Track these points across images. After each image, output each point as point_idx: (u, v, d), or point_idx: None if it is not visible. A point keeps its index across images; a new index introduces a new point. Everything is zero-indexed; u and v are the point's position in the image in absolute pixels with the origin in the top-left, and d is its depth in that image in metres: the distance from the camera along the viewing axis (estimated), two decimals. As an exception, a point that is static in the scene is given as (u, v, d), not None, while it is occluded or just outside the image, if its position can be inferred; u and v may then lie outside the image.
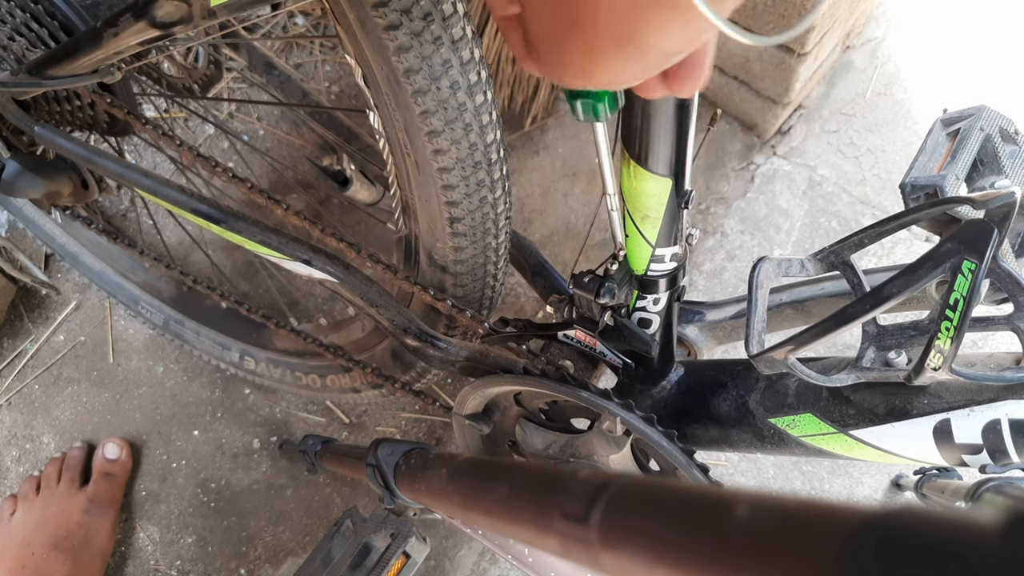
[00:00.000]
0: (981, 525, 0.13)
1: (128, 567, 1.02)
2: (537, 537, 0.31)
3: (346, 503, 1.03)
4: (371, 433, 1.07)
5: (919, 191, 0.45)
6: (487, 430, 0.69)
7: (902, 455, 0.47)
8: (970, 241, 0.37)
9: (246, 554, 1.01)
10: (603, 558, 0.25)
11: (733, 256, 1.10)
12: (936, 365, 0.39)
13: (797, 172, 1.14)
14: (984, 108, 0.46)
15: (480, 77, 0.52)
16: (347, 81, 1.27)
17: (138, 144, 1.18)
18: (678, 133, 0.44)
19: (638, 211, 0.49)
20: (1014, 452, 0.42)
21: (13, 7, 0.67)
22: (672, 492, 0.23)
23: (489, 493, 0.37)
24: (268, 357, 1.01)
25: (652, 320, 0.57)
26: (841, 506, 0.17)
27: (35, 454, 1.08)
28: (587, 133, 1.20)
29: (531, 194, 1.17)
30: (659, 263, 0.53)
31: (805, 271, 0.48)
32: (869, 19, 1.21)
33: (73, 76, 0.60)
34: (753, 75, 1.09)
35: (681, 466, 0.53)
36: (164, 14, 0.47)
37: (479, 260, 0.65)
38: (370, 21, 0.46)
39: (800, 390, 0.52)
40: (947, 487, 0.85)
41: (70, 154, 0.69)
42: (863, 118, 1.16)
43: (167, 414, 1.09)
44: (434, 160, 0.55)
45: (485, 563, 0.98)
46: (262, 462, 1.06)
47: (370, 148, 0.97)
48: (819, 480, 1.00)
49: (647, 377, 0.62)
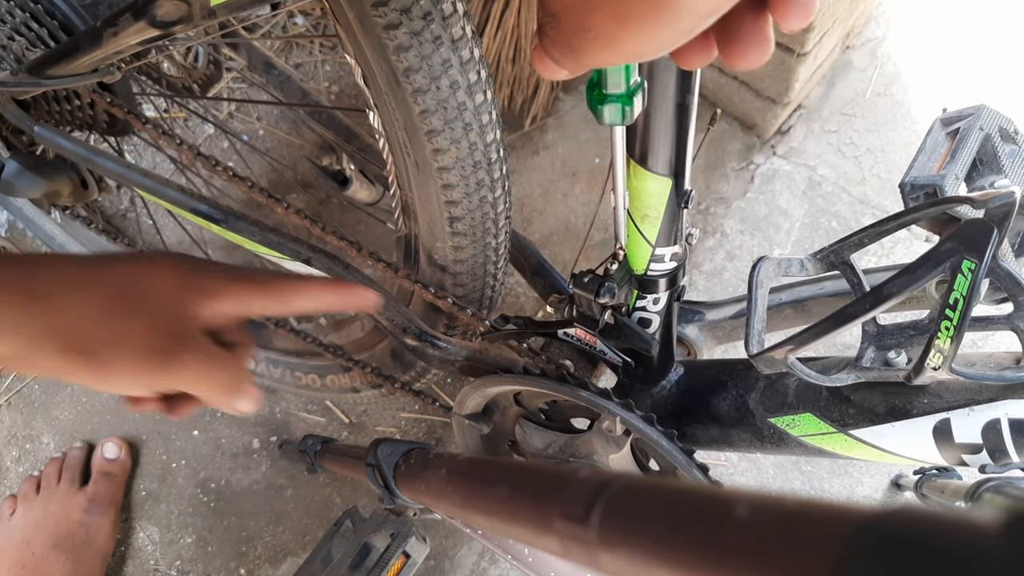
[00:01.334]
0: (981, 525, 0.13)
1: (128, 567, 1.02)
2: (537, 537, 0.31)
3: (346, 503, 1.03)
4: (371, 433, 1.07)
5: (919, 191, 0.45)
6: (487, 430, 0.69)
7: (902, 455, 0.47)
8: (970, 241, 0.37)
9: (246, 554, 1.01)
10: (603, 558, 0.25)
11: (733, 256, 1.10)
12: (936, 364, 0.39)
13: (797, 172, 1.14)
14: (984, 108, 0.46)
15: (480, 76, 0.52)
16: (347, 81, 1.27)
17: (138, 144, 1.18)
18: (678, 133, 0.44)
19: (638, 211, 0.49)
20: (1014, 452, 0.42)
21: (13, 6, 0.67)
22: (672, 492, 0.23)
23: (489, 493, 0.37)
24: (268, 357, 1.01)
25: (652, 320, 0.57)
26: (841, 506, 0.17)
27: (35, 454, 1.08)
28: (586, 133, 1.20)
29: (531, 194, 1.17)
30: (659, 263, 0.53)
31: (805, 271, 0.48)
32: (869, 19, 1.21)
33: (73, 76, 0.60)
34: (753, 75, 1.09)
35: (681, 466, 0.53)
36: (164, 14, 0.47)
37: (479, 260, 0.65)
38: (370, 20, 0.46)
39: (800, 390, 0.52)
40: (947, 487, 0.85)
41: (70, 154, 0.69)
42: (863, 118, 1.16)
43: (167, 414, 1.09)
44: (434, 159, 0.55)
45: (485, 563, 0.98)
46: (262, 462, 1.06)
47: (370, 148, 0.97)
48: (819, 480, 1.00)
49: (647, 377, 0.62)
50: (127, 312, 0.37)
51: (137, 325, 0.37)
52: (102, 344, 0.36)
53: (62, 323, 0.35)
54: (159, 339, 0.37)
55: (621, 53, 0.28)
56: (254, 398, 0.42)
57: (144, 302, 0.37)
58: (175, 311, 0.38)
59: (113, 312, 0.37)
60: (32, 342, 0.35)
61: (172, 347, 0.38)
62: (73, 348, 0.35)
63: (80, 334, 0.36)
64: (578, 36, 0.28)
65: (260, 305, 0.41)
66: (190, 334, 0.39)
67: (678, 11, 0.25)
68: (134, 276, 0.38)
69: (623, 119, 0.37)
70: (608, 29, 0.27)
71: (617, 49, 0.28)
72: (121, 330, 0.36)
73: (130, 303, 0.37)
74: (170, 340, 0.38)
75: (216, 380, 0.40)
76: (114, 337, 0.36)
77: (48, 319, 0.35)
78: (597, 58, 0.29)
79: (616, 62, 0.29)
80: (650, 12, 0.25)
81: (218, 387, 0.40)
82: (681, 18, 0.25)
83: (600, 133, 1.19)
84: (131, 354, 0.36)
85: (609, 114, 0.37)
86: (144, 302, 0.37)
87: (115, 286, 0.37)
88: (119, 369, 0.36)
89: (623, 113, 0.37)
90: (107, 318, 0.36)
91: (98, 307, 0.36)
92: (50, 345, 0.35)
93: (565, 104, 1.23)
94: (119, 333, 0.36)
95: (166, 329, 0.38)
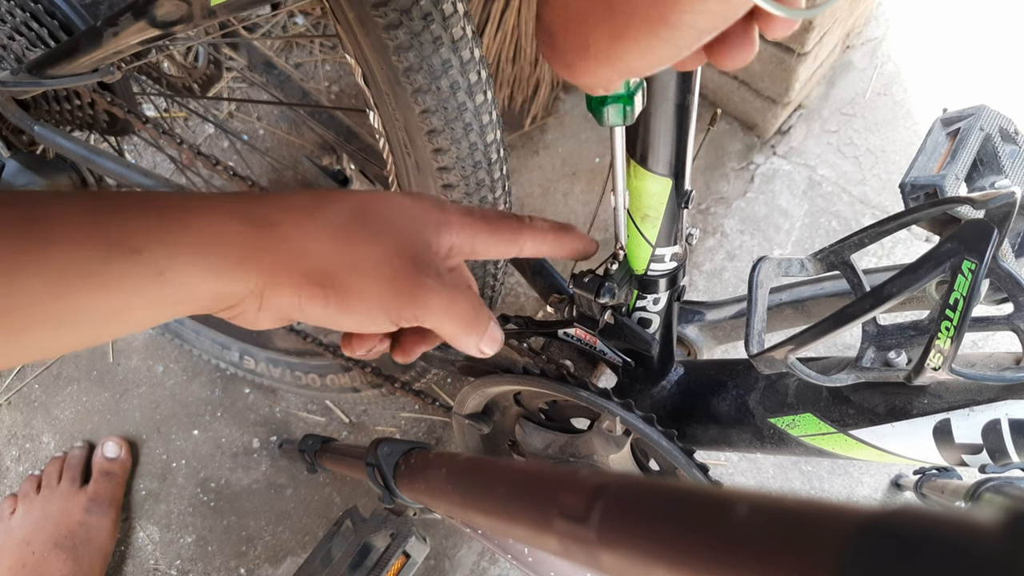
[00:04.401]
0: (981, 525, 0.13)
1: (128, 566, 1.02)
2: (536, 537, 0.31)
3: (346, 503, 1.03)
4: (371, 433, 1.07)
5: (919, 191, 0.45)
6: (487, 430, 0.69)
7: (902, 455, 0.47)
8: (970, 241, 0.37)
9: (246, 553, 1.01)
10: (603, 558, 0.25)
11: (733, 256, 1.10)
12: (936, 365, 0.39)
13: (797, 172, 1.14)
14: (984, 108, 0.46)
15: (480, 77, 0.52)
16: (347, 80, 1.27)
17: (138, 144, 1.18)
18: (678, 133, 0.44)
19: (638, 211, 0.49)
20: (1014, 452, 0.42)
21: (13, 6, 0.67)
22: (672, 492, 0.23)
23: (489, 493, 0.37)
24: (268, 356, 1.01)
25: (652, 320, 0.57)
26: (841, 506, 0.17)
27: (35, 453, 1.08)
28: (586, 133, 1.20)
29: (531, 194, 1.17)
30: (659, 263, 0.53)
31: (805, 271, 0.48)
32: (869, 19, 1.21)
33: (73, 75, 0.60)
34: (753, 75, 1.09)
35: (681, 466, 0.53)
36: (164, 13, 0.47)
37: (479, 259, 0.65)
38: (370, 20, 0.46)
39: (800, 390, 0.52)
40: (947, 487, 0.85)
41: (70, 153, 0.69)
42: (863, 118, 1.16)
43: (167, 413, 1.09)
44: (434, 159, 0.55)
45: (485, 563, 0.98)
46: (262, 462, 1.06)
47: (370, 148, 0.97)
48: (819, 480, 1.00)
49: (647, 377, 0.62)
50: (367, 231, 0.34)
51: (378, 245, 0.33)
52: (345, 269, 0.33)
53: (297, 251, 0.32)
54: (403, 263, 0.34)
55: (621, 71, 0.27)
56: (498, 338, 0.38)
57: (383, 224, 0.34)
58: (416, 235, 0.35)
59: (353, 235, 0.33)
60: (271, 277, 0.32)
61: (417, 272, 0.34)
62: (310, 278, 0.32)
63: (320, 261, 0.32)
64: (574, 53, 0.27)
65: (489, 242, 0.38)
66: (434, 260, 0.35)
67: (679, 27, 0.24)
68: (369, 200, 0.35)
69: (624, 119, 0.37)
70: (606, 47, 0.26)
71: (616, 67, 0.27)
72: (363, 251, 0.33)
73: (370, 226, 0.34)
74: (416, 262, 0.34)
75: (462, 312, 0.36)
76: (357, 261, 0.33)
77: (283, 248, 0.32)
78: (595, 76, 0.28)
79: (614, 80, 0.29)
80: (651, 28, 0.24)
81: (463, 320, 0.36)
82: (682, 34, 0.24)
83: (600, 133, 1.19)
84: (377, 279, 0.33)
85: (610, 115, 0.37)
86: (383, 224, 0.34)
87: (351, 211, 0.34)
88: (364, 296, 0.33)
89: (624, 114, 0.37)
90: (347, 242, 0.33)
91: (336, 231, 0.33)
92: (287, 277, 0.32)
93: (565, 104, 1.23)
94: (363, 255, 0.33)
95: (410, 251, 0.34)
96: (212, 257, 0.30)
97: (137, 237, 0.28)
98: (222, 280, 0.31)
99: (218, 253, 0.30)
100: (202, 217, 0.30)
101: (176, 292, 0.30)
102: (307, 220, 0.33)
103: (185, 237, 0.30)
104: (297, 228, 0.32)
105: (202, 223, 0.30)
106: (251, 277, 0.31)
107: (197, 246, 0.30)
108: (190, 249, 0.30)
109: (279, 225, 0.32)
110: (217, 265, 0.30)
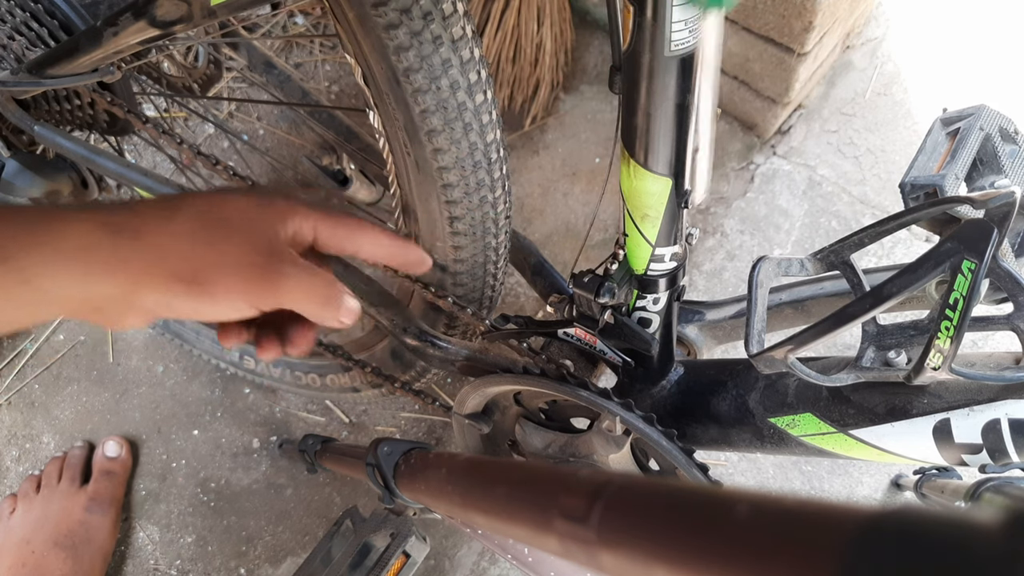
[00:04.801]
0: (981, 525, 0.13)
1: (128, 566, 1.02)
2: (536, 537, 0.31)
3: (346, 503, 1.03)
4: (371, 433, 1.07)
5: (919, 191, 0.45)
6: (487, 430, 0.69)
7: (902, 455, 0.47)
8: (970, 241, 0.37)
9: (246, 553, 1.01)
10: (603, 558, 0.25)
11: (733, 256, 1.10)
12: (936, 365, 0.39)
13: (797, 172, 1.14)
14: (984, 108, 0.46)
15: (480, 76, 0.52)
16: (347, 80, 1.27)
17: (138, 143, 1.18)
18: (678, 133, 0.44)
19: (638, 210, 0.49)
20: (1014, 452, 0.42)
21: (13, 6, 0.67)
22: (672, 492, 0.23)
23: (489, 493, 0.37)
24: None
25: (652, 320, 0.57)
26: (841, 506, 0.17)
27: (35, 453, 1.08)
28: (586, 133, 1.20)
29: (531, 194, 1.17)
30: (659, 263, 0.53)
31: (805, 271, 0.48)
32: (869, 19, 1.21)
33: (73, 75, 0.60)
34: (753, 75, 1.09)
35: (681, 465, 0.53)
36: (164, 13, 0.47)
37: (479, 259, 0.65)
38: (370, 20, 0.46)
39: (800, 390, 0.52)
40: (947, 487, 0.85)
41: (70, 153, 0.69)
42: (863, 118, 1.16)
43: (167, 413, 1.09)
44: (434, 159, 0.55)
45: (485, 563, 0.98)
46: (262, 462, 1.06)
47: (370, 147, 0.97)
48: (819, 480, 1.00)
49: (647, 376, 0.62)
50: (221, 232, 0.37)
51: (233, 244, 0.37)
52: (205, 266, 0.36)
53: (160, 254, 0.36)
54: (257, 255, 0.38)
55: None
56: (354, 308, 0.42)
57: (233, 223, 0.38)
58: (264, 229, 0.39)
59: (206, 235, 0.37)
60: (137, 281, 0.35)
61: (271, 261, 0.38)
62: (176, 276, 0.36)
63: (181, 262, 0.36)
64: None
65: (330, 234, 0.42)
66: (283, 249, 0.39)
67: None
68: (215, 202, 0.39)
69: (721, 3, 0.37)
70: None
71: None
72: (220, 250, 0.37)
73: (220, 226, 0.38)
74: (268, 254, 0.38)
75: (318, 291, 0.40)
76: (215, 258, 0.37)
77: (147, 253, 0.35)
78: None
79: None
80: None
81: (320, 298, 0.40)
82: None
83: (600, 133, 1.19)
84: (235, 271, 0.37)
85: None
86: (233, 223, 0.38)
87: (201, 214, 0.38)
88: (225, 288, 0.37)
89: None
90: (202, 242, 0.37)
91: (193, 235, 0.37)
92: (153, 278, 0.35)
93: (565, 104, 1.23)
94: (219, 252, 0.37)
95: (261, 245, 0.38)
96: (79, 264, 0.34)
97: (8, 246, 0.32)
98: (88, 285, 0.34)
99: (85, 260, 0.34)
100: (70, 228, 0.34)
101: (42, 296, 0.33)
102: (166, 226, 0.37)
103: (53, 247, 0.33)
104: (157, 235, 0.36)
105: (70, 234, 0.34)
106: (118, 281, 0.35)
107: (65, 254, 0.33)
108: (57, 257, 0.33)
109: (141, 232, 0.36)
110: (84, 271, 0.34)
